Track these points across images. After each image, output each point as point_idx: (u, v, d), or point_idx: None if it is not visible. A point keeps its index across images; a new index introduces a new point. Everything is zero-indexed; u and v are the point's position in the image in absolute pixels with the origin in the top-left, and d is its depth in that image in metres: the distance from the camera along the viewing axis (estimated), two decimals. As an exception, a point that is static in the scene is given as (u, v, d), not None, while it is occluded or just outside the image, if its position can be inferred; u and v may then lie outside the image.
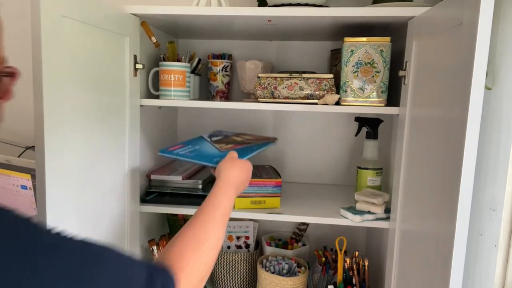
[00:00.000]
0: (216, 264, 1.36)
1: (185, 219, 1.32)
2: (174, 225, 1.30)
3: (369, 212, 1.07)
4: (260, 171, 1.23)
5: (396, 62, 1.07)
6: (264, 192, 1.13)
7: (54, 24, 0.72)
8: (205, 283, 0.62)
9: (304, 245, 1.39)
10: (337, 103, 1.06)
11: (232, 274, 1.34)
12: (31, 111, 0.70)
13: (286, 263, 1.26)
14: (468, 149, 0.62)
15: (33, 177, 1.15)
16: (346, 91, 1.05)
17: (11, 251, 0.38)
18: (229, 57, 1.37)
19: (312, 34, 1.25)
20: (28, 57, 0.69)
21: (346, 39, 1.04)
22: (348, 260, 1.22)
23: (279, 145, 1.47)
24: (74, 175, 0.81)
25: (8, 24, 1.44)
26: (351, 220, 1.05)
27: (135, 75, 1.06)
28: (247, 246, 1.39)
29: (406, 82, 0.97)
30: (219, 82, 1.34)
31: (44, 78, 0.70)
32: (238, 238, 1.39)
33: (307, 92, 1.08)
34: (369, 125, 1.19)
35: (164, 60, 1.15)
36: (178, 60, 1.22)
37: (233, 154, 0.89)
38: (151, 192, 1.19)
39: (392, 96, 1.09)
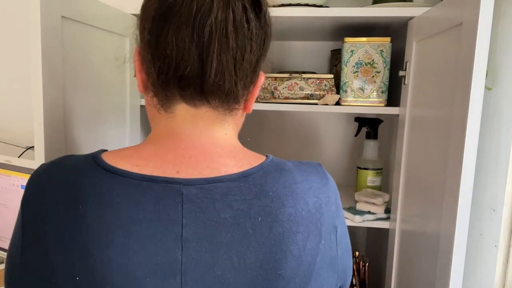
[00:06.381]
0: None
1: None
2: (174, 225, 1.31)
3: (369, 212, 1.06)
4: None
5: (396, 62, 1.07)
6: None
7: (54, 24, 0.72)
8: None
9: (304, 245, 1.38)
10: (337, 103, 1.06)
11: (232, 274, 1.34)
12: (31, 111, 0.70)
13: (286, 263, 1.26)
14: (468, 149, 0.62)
15: (33, 177, 1.15)
16: (346, 91, 1.05)
17: None
18: (229, 57, 1.37)
19: (312, 34, 1.25)
20: (28, 58, 0.68)
21: (346, 39, 1.04)
22: (348, 260, 1.21)
23: (279, 145, 1.47)
24: (74, 175, 0.81)
25: (8, 24, 1.44)
26: (351, 220, 1.05)
27: (135, 75, 1.06)
28: (247, 246, 1.39)
29: (406, 82, 0.96)
30: (219, 82, 1.34)
31: (44, 78, 0.70)
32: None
33: (307, 92, 1.08)
34: (369, 125, 1.19)
35: (164, 60, 1.15)
36: (178, 60, 1.21)
37: None
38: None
39: (392, 96, 1.09)
